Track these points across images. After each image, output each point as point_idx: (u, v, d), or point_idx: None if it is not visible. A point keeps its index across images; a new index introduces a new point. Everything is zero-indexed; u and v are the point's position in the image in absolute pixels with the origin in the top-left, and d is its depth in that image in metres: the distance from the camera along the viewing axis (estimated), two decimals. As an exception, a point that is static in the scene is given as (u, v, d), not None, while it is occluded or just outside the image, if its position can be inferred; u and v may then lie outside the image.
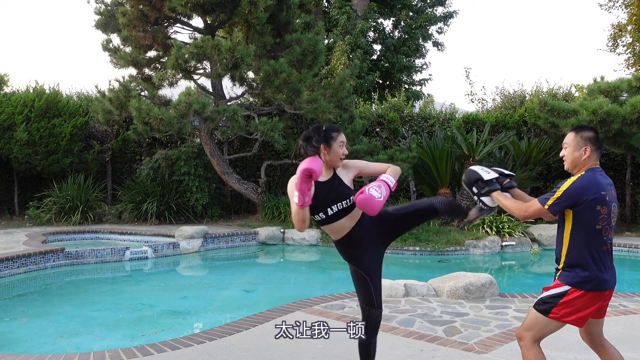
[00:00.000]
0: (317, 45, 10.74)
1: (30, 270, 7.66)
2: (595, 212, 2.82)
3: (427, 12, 20.42)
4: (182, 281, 8.26)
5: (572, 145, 2.96)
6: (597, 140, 2.95)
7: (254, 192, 11.90)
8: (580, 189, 2.82)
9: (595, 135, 2.95)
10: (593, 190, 2.81)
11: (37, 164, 11.58)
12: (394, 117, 12.52)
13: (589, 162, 2.92)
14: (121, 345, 4.53)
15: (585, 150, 2.92)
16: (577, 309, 2.83)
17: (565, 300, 2.84)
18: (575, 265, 2.85)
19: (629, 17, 17.41)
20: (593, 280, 2.81)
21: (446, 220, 11.16)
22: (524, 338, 2.93)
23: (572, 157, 2.95)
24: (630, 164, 12.34)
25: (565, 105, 10.09)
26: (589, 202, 2.80)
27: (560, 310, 2.84)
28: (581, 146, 2.92)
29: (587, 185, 2.83)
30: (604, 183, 2.87)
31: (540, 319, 2.90)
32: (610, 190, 2.89)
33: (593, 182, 2.84)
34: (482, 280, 5.83)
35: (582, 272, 2.82)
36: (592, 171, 2.90)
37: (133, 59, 11.35)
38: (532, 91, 14.80)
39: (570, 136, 2.98)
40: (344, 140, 3.08)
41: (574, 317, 2.84)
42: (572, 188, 2.84)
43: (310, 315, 4.95)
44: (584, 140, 2.93)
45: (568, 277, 2.86)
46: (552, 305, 2.86)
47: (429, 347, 4.20)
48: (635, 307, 5.47)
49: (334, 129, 3.08)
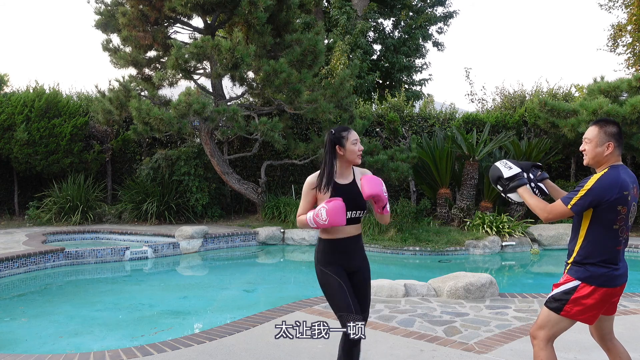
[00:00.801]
0: (317, 45, 10.74)
1: (30, 270, 7.66)
2: (615, 213, 2.75)
3: (427, 12, 20.42)
4: (182, 281, 8.26)
5: (595, 140, 2.85)
6: (621, 136, 2.86)
7: (254, 192, 11.89)
8: (604, 188, 2.74)
9: (619, 130, 2.85)
10: (617, 190, 2.73)
11: (37, 164, 11.58)
12: (394, 117, 12.52)
13: (611, 159, 2.84)
14: (121, 345, 4.53)
15: (608, 146, 2.82)
16: (588, 307, 2.79)
17: (577, 297, 2.80)
18: (585, 261, 2.81)
19: (629, 17, 17.42)
20: (603, 276, 2.78)
21: (446, 220, 11.17)
22: (537, 337, 2.90)
23: (595, 153, 2.85)
24: (630, 164, 12.34)
25: (565, 105, 10.10)
26: (611, 202, 2.73)
27: (572, 307, 2.81)
28: (605, 142, 2.83)
29: (612, 184, 2.74)
30: (628, 181, 2.79)
31: (552, 316, 2.87)
32: (633, 188, 2.81)
33: (617, 180, 2.75)
34: (482, 280, 5.83)
35: (592, 267, 2.79)
36: (616, 169, 2.80)
37: (133, 59, 11.35)
38: (532, 91, 14.80)
39: (594, 131, 2.87)
40: (357, 138, 3.16)
41: (586, 315, 2.82)
42: (595, 187, 2.75)
43: (310, 315, 4.95)
44: (608, 135, 2.83)
45: (578, 271, 2.82)
46: (564, 302, 2.82)
47: (429, 347, 4.20)
48: (635, 307, 5.48)
49: (344, 129, 3.16)
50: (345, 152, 3.11)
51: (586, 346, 4.20)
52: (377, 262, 9.14)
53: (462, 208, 10.84)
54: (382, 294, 5.81)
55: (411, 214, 10.43)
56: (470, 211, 10.83)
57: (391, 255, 9.35)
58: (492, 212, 10.74)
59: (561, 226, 10.22)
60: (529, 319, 5.01)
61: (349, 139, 3.12)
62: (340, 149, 3.12)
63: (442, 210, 11.33)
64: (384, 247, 9.45)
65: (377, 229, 10.00)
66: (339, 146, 3.11)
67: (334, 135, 3.12)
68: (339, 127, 3.19)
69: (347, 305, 2.98)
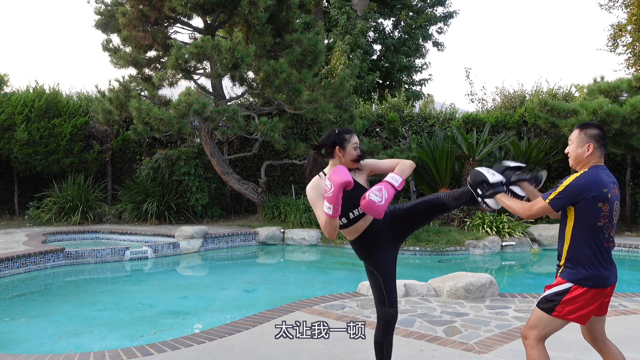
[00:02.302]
0: (317, 45, 10.74)
1: (30, 270, 7.66)
2: (596, 209, 2.82)
3: (427, 12, 20.42)
4: (182, 281, 8.25)
5: (576, 141, 2.97)
6: (602, 137, 2.95)
7: (254, 192, 11.90)
8: (581, 186, 2.83)
9: (600, 132, 2.95)
10: (595, 188, 2.82)
11: (37, 164, 11.58)
12: (394, 117, 12.52)
13: (592, 160, 2.93)
14: (121, 345, 4.53)
15: (588, 147, 2.92)
16: (580, 307, 2.84)
17: (568, 298, 2.84)
18: (576, 261, 2.85)
19: (629, 17, 17.41)
20: (595, 278, 2.82)
21: (446, 220, 11.17)
22: (528, 337, 2.93)
23: (575, 154, 2.97)
24: (630, 164, 12.35)
25: (565, 105, 10.09)
26: (590, 199, 2.81)
27: (563, 308, 2.85)
28: (584, 143, 2.93)
29: (589, 182, 2.83)
30: (607, 181, 2.88)
31: (544, 317, 2.91)
32: (612, 188, 2.89)
33: (595, 179, 2.84)
34: (482, 280, 5.83)
35: (583, 269, 2.83)
36: (595, 168, 2.90)
37: (133, 59, 11.35)
38: (532, 91, 14.80)
39: (575, 133, 2.99)
40: (357, 142, 3.13)
41: (577, 314, 2.85)
42: (573, 184, 2.84)
43: (310, 315, 4.95)
44: (588, 137, 2.94)
45: (570, 274, 2.87)
46: (556, 303, 2.87)
47: (429, 347, 4.20)
48: (635, 307, 5.48)
49: (347, 131, 3.13)
50: (345, 154, 3.08)
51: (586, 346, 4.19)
52: (377, 262, 9.13)
53: (462, 208, 10.85)
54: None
55: (411, 214, 10.41)
56: (470, 211, 10.83)
57: (391, 255, 9.33)
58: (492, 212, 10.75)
59: (561, 226, 10.23)
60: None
61: (351, 142, 3.09)
62: (340, 150, 3.08)
63: (442, 210, 11.31)
64: (384, 247, 9.44)
65: (377, 229, 9.98)
66: (340, 147, 3.08)
67: (337, 136, 3.09)
68: (343, 128, 3.16)
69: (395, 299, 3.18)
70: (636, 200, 12.15)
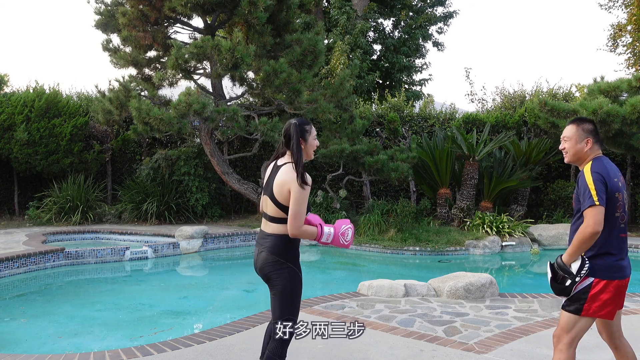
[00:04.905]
0: (317, 45, 10.74)
1: (30, 270, 7.66)
2: (614, 199, 2.85)
3: (427, 12, 20.41)
4: (182, 281, 8.26)
5: (574, 137, 2.98)
6: (597, 132, 3.01)
7: (254, 192, 11.89)
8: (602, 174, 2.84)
9: (595, 127, 3.01)
10: (611, 176, 2.86)
11: (37, 164, 11.58)
12: (394, 117, 12.52)
13: (591, 154, 2.96)
14: (121, 345, 4.53)
15: (587, 142, 2.95)
16: (606, 301, 2.83)
17: (593, 294, 2.83)
18: (596, 254, 2.85)
19: (628, 17, 17.41)
20: (613, 268, 2.83)
21: (446, 220, 11.17)
22: (562, 340, 2.91)
23: (575, 149, 2.98)
24: (630, 164, 12.35)
25: (565, 106, 10.09)
26: (611, 188, 2.83)
27: (590, 306, 2.84)
28: (583, 138, 2.96)
29: (603, 171, 2.86)
30: (615, 170, 2.93)
31: (573, 319, 2.89)
32: (620, 176, 2.94)
33: (606, 168, 2.88)
34: (482, 280, 5.83)
35: (600, 260, 2.83)
36: (599, 159, 2.93)
37: (133, 59, 11.35)
38: (532, 91, 14.79)
39: (572, 129, 3.00)
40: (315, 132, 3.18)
41: (605, 310, 2.84)
42: (595, 176, 2.84)
43: (310, 315, 4.95)
44: (586, 132, 2.97)
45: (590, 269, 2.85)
46: (582, 302, 2.85)
47: (429, 347, 4.20)
48: (635, 307, 5.48)
49: (306, 122, 3.15)
50: (307, 146, 3.10)
51: (586, 346, 4.20)
52: (377, 262, 9.15)
53: (462, 208, 10.85)
54: (382, 294, 5.81)
55: (411, 214, 10.43)
56: (470, 211, 10.84)
57: (391, 255, 9.34)
58: (492, 212, 10.74)
59: (561, 226, 10.23)
60: (529, 319, 5.01)
61: (312, 134, 3.12)
62: (302, 142, 3.08)
63: (442, 210, 11.33)
64: (383, 247, 9.44)
65: (377, 229, 10.00)
66: (302, 139, 3.07)
67: (298, 127, 3.07)
68: (301, 119, 3.16)
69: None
70: (636, 200, 12.15)
